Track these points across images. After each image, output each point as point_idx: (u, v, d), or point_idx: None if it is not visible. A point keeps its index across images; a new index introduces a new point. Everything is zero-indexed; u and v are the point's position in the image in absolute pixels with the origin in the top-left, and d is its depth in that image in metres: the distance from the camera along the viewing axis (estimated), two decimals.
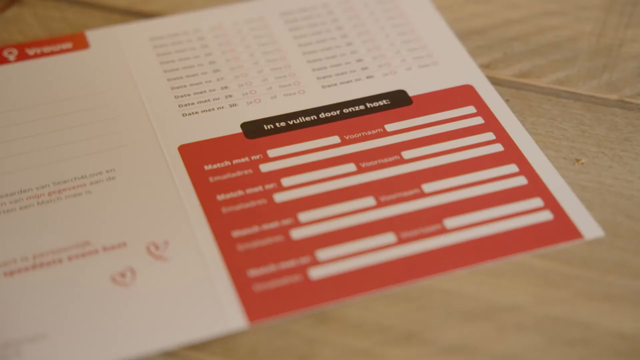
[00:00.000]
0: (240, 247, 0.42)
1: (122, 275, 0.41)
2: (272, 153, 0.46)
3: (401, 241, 0.42)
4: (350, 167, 0.45)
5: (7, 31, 0.52)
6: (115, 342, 0.38)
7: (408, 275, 0.41)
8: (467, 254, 0.42)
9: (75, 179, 0.44)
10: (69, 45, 0.51)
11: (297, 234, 0.42)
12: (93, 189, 0.44)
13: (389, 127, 0.47)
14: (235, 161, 0.45)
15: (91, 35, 0.51)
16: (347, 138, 0.46)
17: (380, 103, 0.48)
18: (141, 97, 0.48)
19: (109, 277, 0.40)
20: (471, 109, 0.48)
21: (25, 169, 0.44)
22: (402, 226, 0.42)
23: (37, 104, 0.48)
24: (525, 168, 0.45)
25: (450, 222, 0.43)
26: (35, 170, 0.44)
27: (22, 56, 0.50)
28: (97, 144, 0.46)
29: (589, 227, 0.43)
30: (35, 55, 0.50)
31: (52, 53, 0.50)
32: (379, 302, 0.40)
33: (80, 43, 0.51)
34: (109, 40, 0.51)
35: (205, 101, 0.48)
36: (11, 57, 0.50)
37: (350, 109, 0.48)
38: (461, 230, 0.42)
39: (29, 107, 0.47)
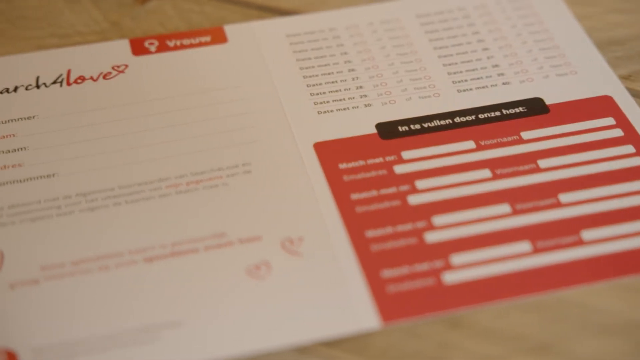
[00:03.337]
0: (374, 247, 0.42)
1: (257, 268, 0.41)
2: (406, 155, 0.46)
3: (537, 250, 0.41)
4: (486, 172, 0.45)
5: (148, 22, 0.53)
6: (249, 334, 0.39)
7: (543, 285, 0.40)
8: (605, 267, 0.41)
9: (212, 170, 0.45)
10: (207, 38, 0.52)
11: (431, 237, 0.42)
12: (229, 181, 0.44)
13: (525, 135, 0.46)
14: (369, 161, 0.45)
15: (229, 29, 0.52)
16: (483, 144, 0.46)
17: (517, 110, 0.48)
18: (277, 93, 0.49)
19: (244, 269, 0.41)
20: (610, 121, 0.47)
21: (163, 158, 0.45)
22: (538, 235, 0.42)
23: (176, 95, 0.48)
24: None
25: (588, 234, 0.42)
26: (174, 160, 0.45)
27: (163, 47, 0.51)
28: (234, 137, 0.46)
29: None
30: (175, 47, 0.51)
31: (191, 45, 0.51)
32: (512, 310, 0.40)
33: (218, 37, 0.52)
34: (247, 35, 0.52)
35: (340, 100, 0.48)
36: (152, 48, 0.51)
37: (485, 115, 0.47)
38: (599, 243, 0.42)
39: (168, 98, 0.48)
